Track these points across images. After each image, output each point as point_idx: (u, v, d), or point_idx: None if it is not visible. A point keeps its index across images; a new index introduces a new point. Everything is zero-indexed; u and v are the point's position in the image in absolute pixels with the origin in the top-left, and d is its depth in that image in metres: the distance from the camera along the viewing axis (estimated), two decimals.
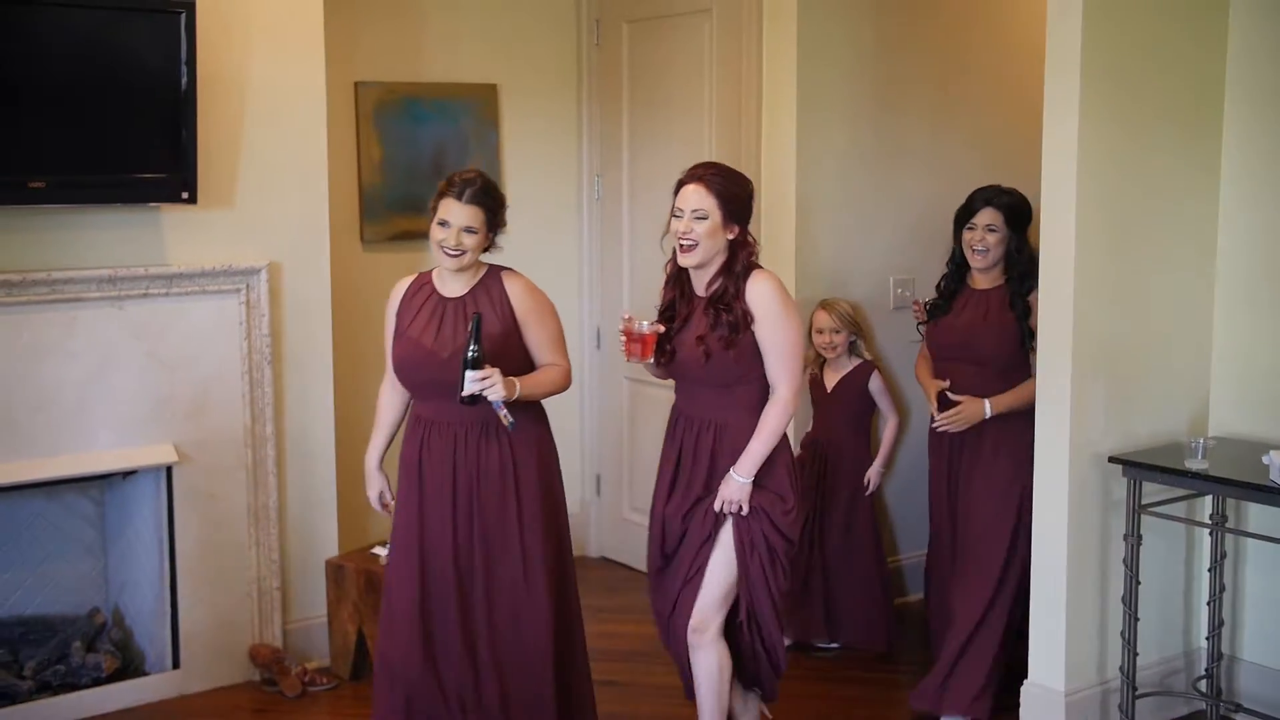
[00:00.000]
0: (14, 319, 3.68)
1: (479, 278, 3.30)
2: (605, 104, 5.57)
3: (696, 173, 3.25)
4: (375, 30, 4.99)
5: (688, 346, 3.26)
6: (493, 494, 3.25)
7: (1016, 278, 3.76)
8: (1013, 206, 3.76)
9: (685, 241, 3.21)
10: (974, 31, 5.03)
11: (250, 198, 4.16)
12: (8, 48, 3.69)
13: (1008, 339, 3.76)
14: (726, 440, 3.27)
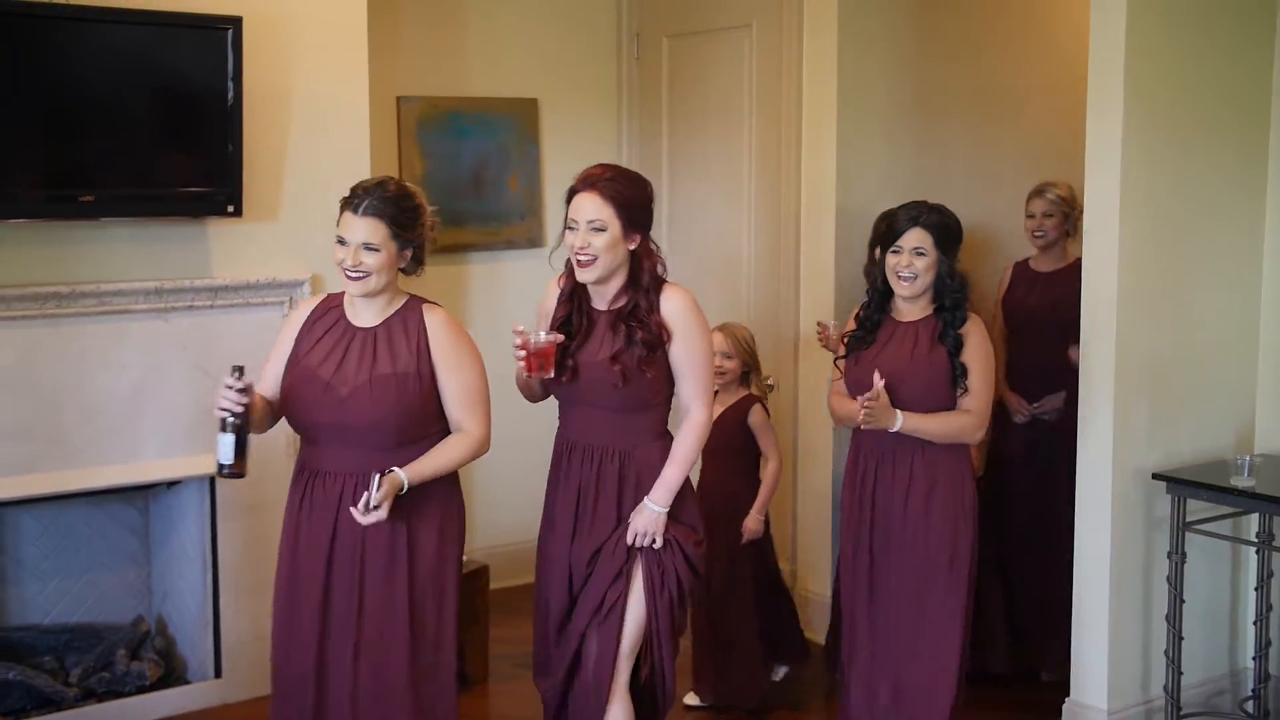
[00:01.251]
0: (64, 330, 3.77)
1: (396, 308, 2.96)
2: (645, 118, 5.64)
3: (590, 178, 3.00)
4: (417, 45, 5.08)
5: (597, 367, 3.02)
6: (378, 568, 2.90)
7: (948, 307, 3.27)
8: (943, 226, 3.26)
9: (583, 256, 2.97)
10: (1015, 38, 5.06)
11: (294, 211, 4.24)
12: (57, 64, 3.78)
13: (937, 377, 3.25)
14: (632, 470, 3.06)
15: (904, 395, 3.18)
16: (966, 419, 3.22)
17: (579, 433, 3.11)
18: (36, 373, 3.81)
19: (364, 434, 2.84)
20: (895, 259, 3.25)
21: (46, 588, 4.30)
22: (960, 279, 3.28)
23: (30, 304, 3.81)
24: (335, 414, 2.84)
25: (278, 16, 4.14)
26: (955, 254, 3.29)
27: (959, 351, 3.23)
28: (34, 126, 3.82)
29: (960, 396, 3.24)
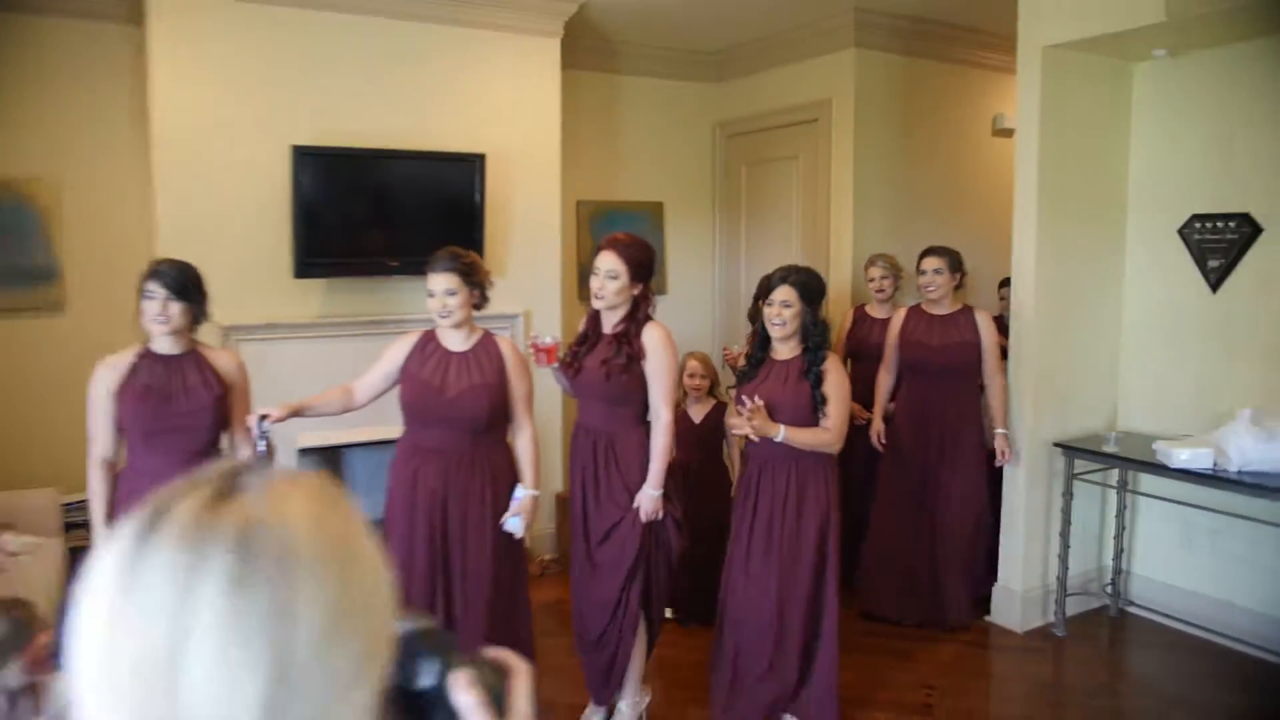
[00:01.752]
0: (377, 342, 4.18)
1: (478, 337, 3.17)
2: (729, 216, 6.23)
3: (612, 240, 3.18)
4: (590, 164, 5.74)
5: (593, 368, 3.20)
6: (475, 507, 3.11)
7: (811, 348, 3.23)
8: (805, 284, 3.22)
9: (599, 293, 3.16)
10: (966, 164, 5.69)
11: (514, 270, 5.00)
12: (377, 183, 4.61)
13: (802, 404, 3.20)
14: (616, 447, 3.22)
15: (779, 418, 3.13)
16: (828, 435, 3.16)
17: (584, 417, 3.32)
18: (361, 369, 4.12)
19: (465, 423, 3.05)
20: (769, 310, 3.21)
21: (368, 498, 4.64)
22: (822, 326, 3.21)
23: (361, 328, 4.65)
24: (445, 409, 3.03)
25: (506, 152, 4.89)
26: (819, 306, 3.23)
27: (819, 384, 3.18)
28: (366, 221, 4.62)
29: (821, 419, 3.18)
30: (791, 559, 3.22)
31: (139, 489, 2.81)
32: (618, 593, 3.23)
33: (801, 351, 3.26)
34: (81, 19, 4.58)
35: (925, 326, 4.31)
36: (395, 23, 4.71)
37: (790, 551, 3.23)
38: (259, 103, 4.48)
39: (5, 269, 4.55)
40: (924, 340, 4.28)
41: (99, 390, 2.88)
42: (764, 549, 3.25)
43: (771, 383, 3.26)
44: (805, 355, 3.25)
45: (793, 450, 3.19)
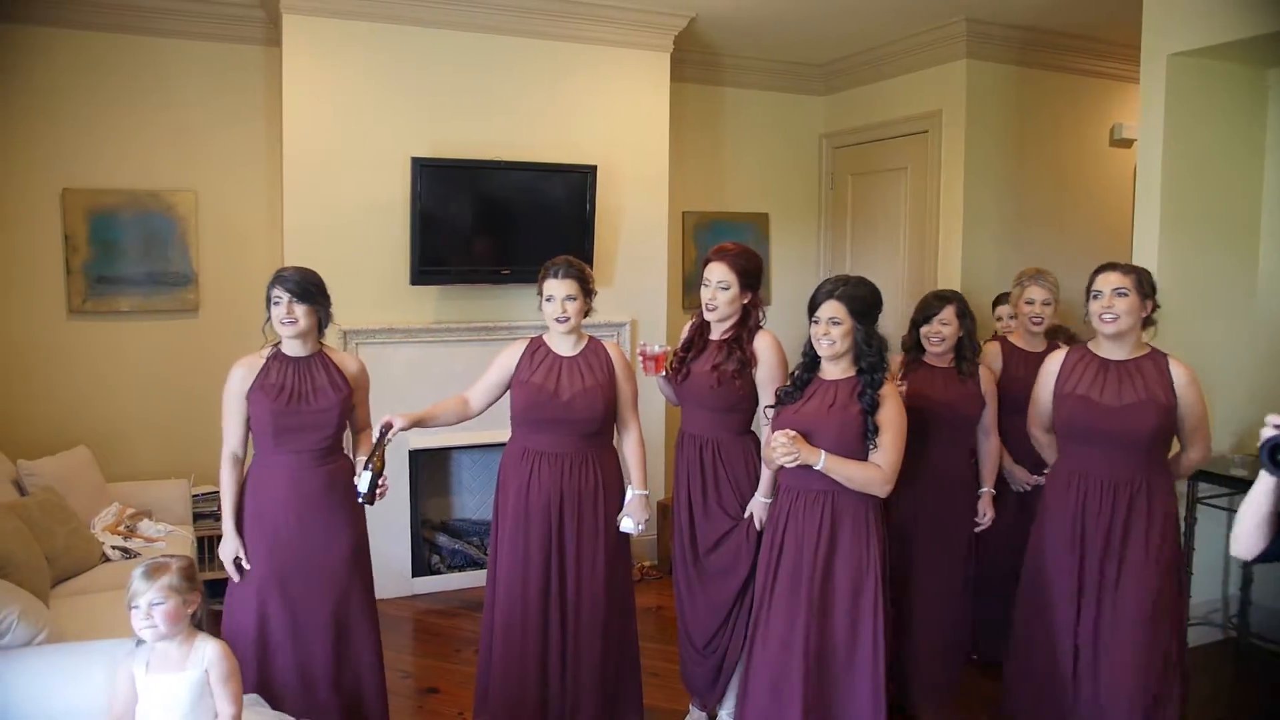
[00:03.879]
0: (489, 349, 4.46)
1: (586, 343, 3.16)
2: (835, 228, 6.13)
3: (721, 251, 3.13)
4: (696, 175, 5.75)
5: (702, 374, 3.14)
6: (588, 508, 3.08)
7: (865, 370, 2.79)
8: (857, 298, 2.78)
9: (711, 304, 3.12)
10: (1080, 177, 5.44)
11: (622, 279, 5.04)
12: (491, 194, 4.66)
13: (849, 432, 2.75)
14: (723, 455, 3.17)
15: (817, 442, 2.72)
16: (876, 472, 2.72)
17: (689, 424, 3.25)
18: (477, 373, 4.00)
19: (578, 425, 3.05)
20: (815, 328, 2.82)
21: (474, 497, 5.23)
22: (878, 344, 2.80)
23: (474, 333, 4.75)
24: (560, 412, 3.02)
25: (615, 164, 4.92)
26: (873, 322, 2.82)
27: (874, 411, 2.76)
28: (479, 230, 4.69)
29: (872, 452, 2.76)
30: (821, 610, 2.78)
31: (268, 483, 2.92)
32: (730, 600, 3.19)
33: (855, 373, 2.83)
34: (223, 42, 4.81)
35: (1095, 375, 3.05)
36: (511, 39, 4.80)
37: (821, 600, 2.78)
38: (382, 117, 4.62)
39: (149, 274, 4.78)
40: (1092, 396, 3.03)
41: (233, 389, 2.95)
42: (789, 593, 2.82)
43: (814, 405, 2.83)
44: (860, 376, 2.81)
45: (831, 482, 2.75)
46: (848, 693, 2.79)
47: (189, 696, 2.25)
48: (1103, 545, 2.98)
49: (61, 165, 4.62)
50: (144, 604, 2.23)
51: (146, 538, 4.07)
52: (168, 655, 2.28)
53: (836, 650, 2.79)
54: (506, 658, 3.09)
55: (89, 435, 4.60)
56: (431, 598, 4.85)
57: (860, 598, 2.78)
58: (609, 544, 3.11)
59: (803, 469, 2.73)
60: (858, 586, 2.78)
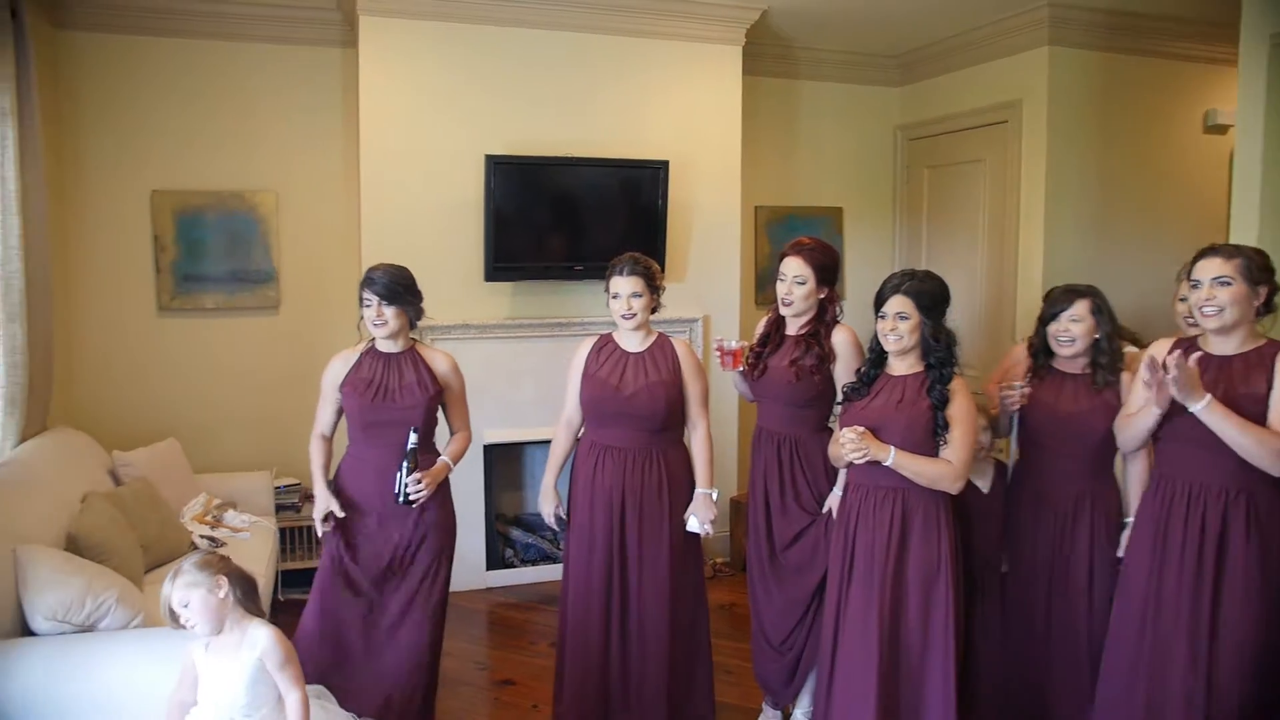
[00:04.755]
0: (562, 344, 4.66)
1: (654, 339, 3.17)
2: (910, 222, 6.03)
3: (798, 245, 3.12)
4: (768, 169, 5.72)
5: (780, 369, 3.13)
6: (652, 503, 3.09)
7: (934, 365, 2.76)
8: (924, 292, 2.75)
9: (787, 299, 3.12)
10: (1169, 168, 5.26)
11: (694, 276, 5.04)
12: (564, 191, 4.71)
13: (917, 428, 2.73)
14: (801, 451, 3.16)
15: (885, 438, 2.73)
16: (947, 468, 2.70)
17: (765, 421, 3.25)
18: (549, 369, 4.64)
19: (640, 420, 3.06)
20: (881, 323, 2.80)
21: None
22: (947, 339, 2.76)
23: (546, 329, 4.80)
24: (622, 406, 3.05)
25: (688, 159, 4.94)
26: (940, 316, 2.78)
27: (943, 406, 2.73)
28: (552, 227, 4.74)
29: (941, 448, 2.74)
30: (894, 609, 2.75)
31: (358, 475, 3.01)
32: (808, 597, 3.19)
33: (924, 369, 2.79)
34: (302, 45, 4.94)
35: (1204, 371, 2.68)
36: (584, 36, 4.84)
37: (893, 598, 2.75)
38: (456, 115, 4.70)
39: (232, 273, 4.92)
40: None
41: (328, 380, 3.07)
42: (862, 591, 2.79)
43: (882, 400, 2.81)
44: (929, 372, 2.78)
45: (900, 478, 2.74)
46: (920, 692, 2.76)
47: (244, 680, 2.34)
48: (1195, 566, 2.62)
49: (151, 168, 4.79)
50: (176, 606, 2.31)
51: (232, 527, 4.19)
52: (223, 641, 2.37)
53: (910, 649, 2.76)
54: (574, 652, 3.14)
55: (178, 428, 4.76)
56: (506, 591, 4.92)
57: (932, 595, 2.75)
58: (674, 540, 3.11)
59: (871, 465, 2.72)
60: (929, 584, 2.75)
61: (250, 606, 2.41)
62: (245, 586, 2.41)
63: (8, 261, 3.60)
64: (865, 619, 2.76)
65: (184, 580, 2.31)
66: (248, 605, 2.40)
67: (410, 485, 2.89)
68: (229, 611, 2.36)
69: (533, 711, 3.69)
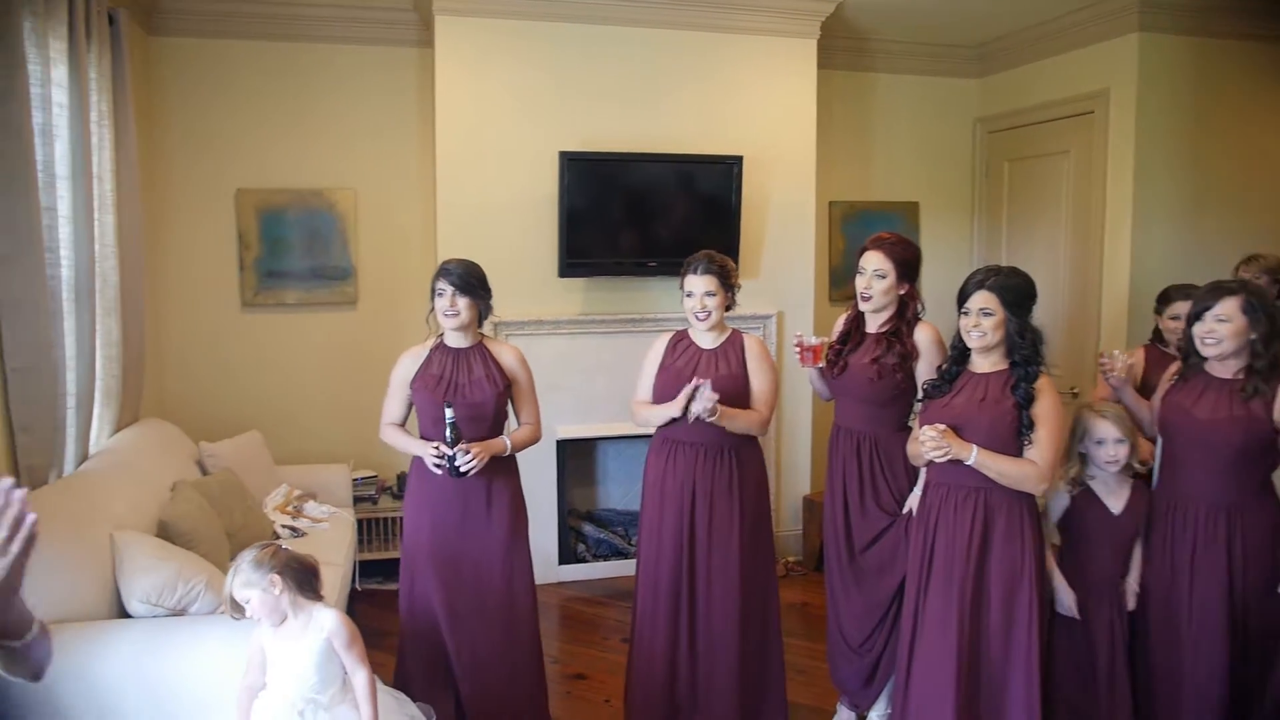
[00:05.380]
0: (635, 340, 4.66)
1: (726, 335, 3.18)
2: (990, 217, 5.92)
3: (879, 240, 3.12)
4: (843, 164, 5.67)
5: (861, 367, 3.10)
6: (722, 499, 3.09)
7: (1019, 362, 2.70)
8: (1009, 288, 2.69)
9: (866, 293, 3.09)
10: (1271, 154, 5.08)
11: (768, 272, 5.02)
12: (635, 187, 4.73)
13: (1001, 426, 2.66)
14: (881, 451, 3.14)
15: (967, 437, 2.67)
16: (1031, 468, 2.64)
17: (844, 419, 3.23)
18: (622, 365, 4.62)
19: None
20: (964, 320, 2.75)
21: (619, 487, 5.33)
22: (1033, 336, 2.70)
23: (619, 325, 4.83)
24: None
25: (761, 154, 4.92)
26: (1026, 313, 2.72)
27: (1029, 405, 2.67)
28: (625, 223, 4.77)
29: (1026, 448, 2.67)
30: (974, 613, 2.69)
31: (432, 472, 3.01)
32: (888, 599, 3.15)
33: (1008, 366, 2.73)
34: (379, 45, 5.05)
35: None
36: (657, 31, 4.86)
37: (974, 602, 2.69)
38: (530, 113, 4.76)
39: (312, 269, 5.06)
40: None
41: (398, 376, 3.11)
42: (942, 593, 2.73)
43: (964, 398, 2.74)
44: (1013, 370, 2.71)
45: (982, 478, 2.67)
46: (1001, 700, 2.70)
47: (312, 662, 2.42)
48: None
49: (235, 167, 4.94)
50: (235, 598, 2.40)
51: (312, 518, 4.30)
52: (289, 627, 2.45)
53: (991, 654, 2.69)
54: (643, 648, 3.17)
55: (260, 420, 4.90)
56: (577, 585, 4.96)
57: (1015, 599, 2.68)
58: (744, 537, 3.09)
59: (953, 464, 2.67)
60: (1012, 588, 2.68)
61: (309, 592, 2.49)
62: (302, 575, 2.48)
63: (104, 259, 3.74)
64: (944, 622, 2.70)
65: (240, 581, 2.40)
66: (307, 592, 2.47)
67: (460, 457, 2.87)
68: (289, 603, 2.44)
69: (604, 706, 3.71)
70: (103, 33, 3.74)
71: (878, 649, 3.20)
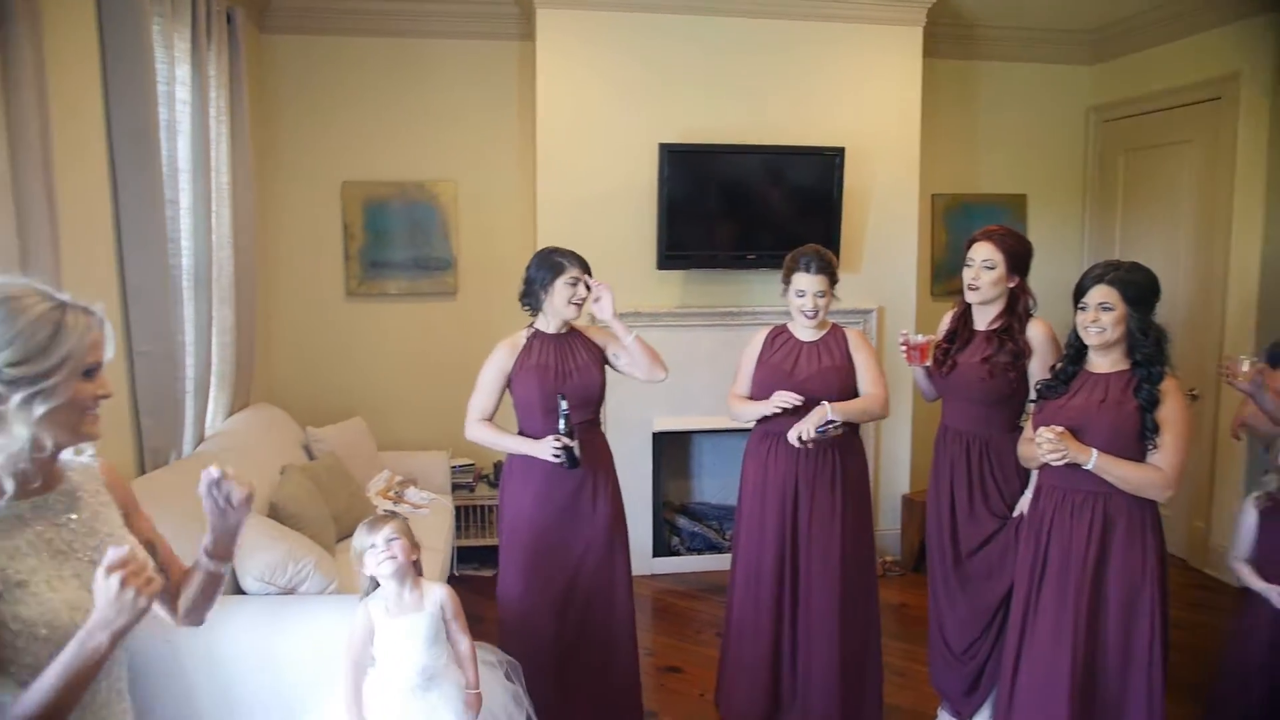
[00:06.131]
0: (732, 333, 4.73)
1: (827, 329, 3.18)
2: (1102, 210, 5.72)
3: (989, 231, 3.05)
4: (947, 155, 5.56)
5: (971, 366, 3.03)
6: (824, 494, 3.08)
7: (1141, 362, 2.58)
8: (1130, 283, 2.57)
9: (974, 283, 3.03)
10: None
11: (869, 266, 4.95)
12: (733, 179, 4.71)
13: (1123, 430, 2.55)
14: (992, 452, 3.06)
15: (1085, 440, 2.57)
16: (1157, 474, 2.52)
17: (952, 419, 3.16)
18: (719, 358, 4.67)
19: (813, 406, 3.02)
20: (1082, 315, 2.64)
21: (714, 481, 5.36)
22: (1156, 335, 2.59)
23: (717, 317, 4.84)
24: (795, 390, 3.04)
25: (864, 145, 4.85)
26: (1149, 310, 2.60)
27: (1153, 408, 2.55)
28: (724, 215, 4.75)
29: (1150, 452, 2.56)
30: (1091, 624, 2.58)
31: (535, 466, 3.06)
32: (994, 605, 3.09)
33: (1129, 366, 2.61)
34: (480, 39, 5.14)
35: None
36: (758, 21, 4.83)
37: (1091, 613, 2.58)
38: (630, 104, 4.78)
39: (414, 259, 5.19)
40: None
41: (495, 369, 3.12)
42: (1055, 603, 2.63)
43: (1082, 399, 2.63)
44: (1136, 370, 2.59)
45: (1101, 483, 2.56)
46: (1119, 715, 2.60)
47: (428, 632, 2.54)
48: None
49: (341, 160, 5.09)
50: (381, 541, 2.51)
51: (413, 504, 4.41)
52: (404, 600, 2.55)
53: (1108, 669, 2.59)
54: (739, 645, 3.16)
55: (362, 407, 5.05)
56: (670, 578, 4.98)
57: (1135, 611, 2.57)
58: (846, 533, 3.07)
59: (1070, 468, 2.56)
60: (1132, 599, 2.57)
61: (418, 569, 2.66)
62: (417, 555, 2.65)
63: (220, 249, 3.90)
64: (1057, 634, 2.61)
65: (395, 526, 2.55)
66: (418, 568, 2.65)
67: (578, 448, 2.90)
68: (410, 571, 2.58)
69: (699, 700, 3.72)
70: (221, 31, 3.90)
71: (981, 657, 3.13)
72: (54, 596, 1.35)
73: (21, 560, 1.35)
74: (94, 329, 1.39)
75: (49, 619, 1.33)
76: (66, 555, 1.42)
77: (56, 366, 1.33)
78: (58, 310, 1.35)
